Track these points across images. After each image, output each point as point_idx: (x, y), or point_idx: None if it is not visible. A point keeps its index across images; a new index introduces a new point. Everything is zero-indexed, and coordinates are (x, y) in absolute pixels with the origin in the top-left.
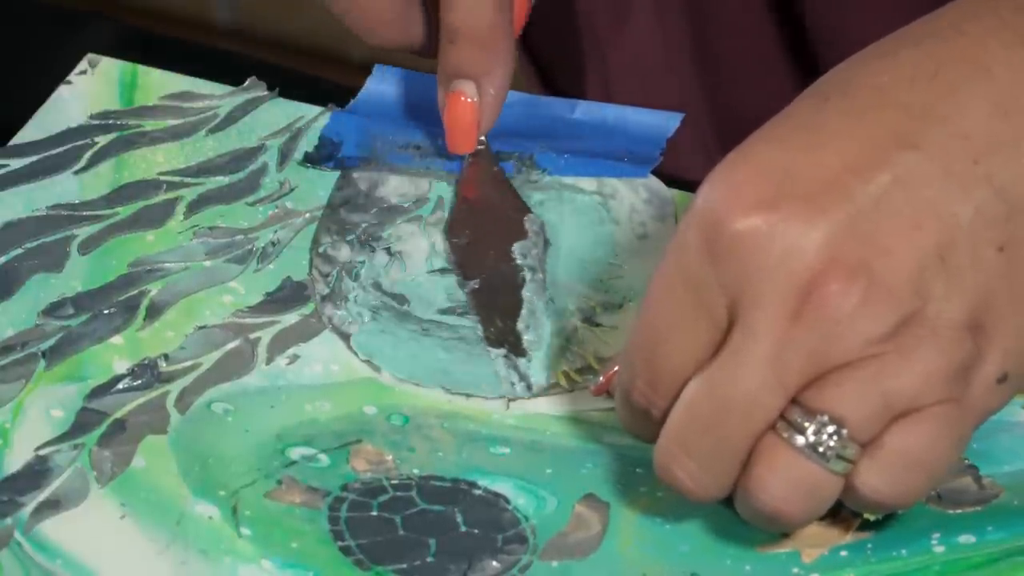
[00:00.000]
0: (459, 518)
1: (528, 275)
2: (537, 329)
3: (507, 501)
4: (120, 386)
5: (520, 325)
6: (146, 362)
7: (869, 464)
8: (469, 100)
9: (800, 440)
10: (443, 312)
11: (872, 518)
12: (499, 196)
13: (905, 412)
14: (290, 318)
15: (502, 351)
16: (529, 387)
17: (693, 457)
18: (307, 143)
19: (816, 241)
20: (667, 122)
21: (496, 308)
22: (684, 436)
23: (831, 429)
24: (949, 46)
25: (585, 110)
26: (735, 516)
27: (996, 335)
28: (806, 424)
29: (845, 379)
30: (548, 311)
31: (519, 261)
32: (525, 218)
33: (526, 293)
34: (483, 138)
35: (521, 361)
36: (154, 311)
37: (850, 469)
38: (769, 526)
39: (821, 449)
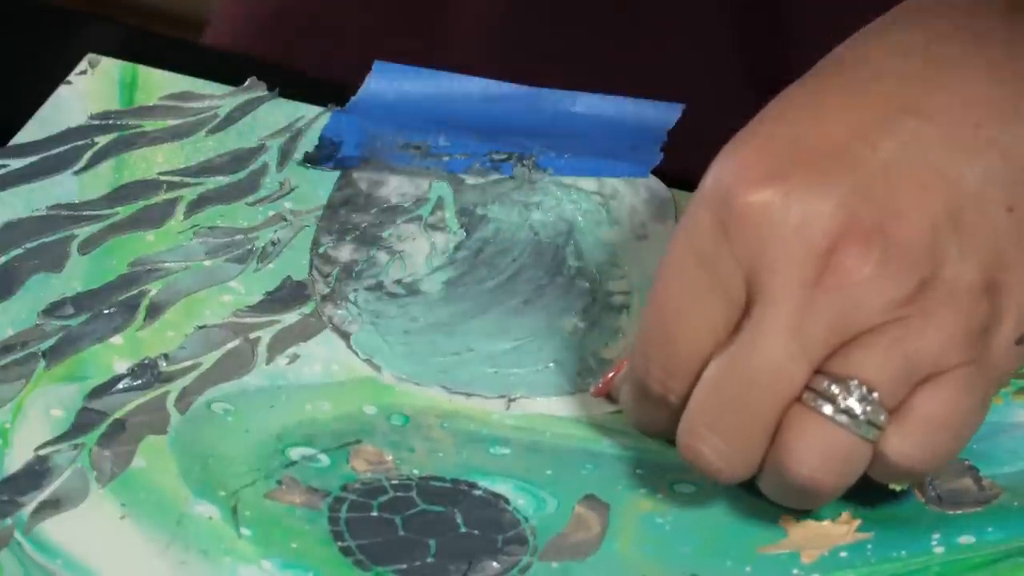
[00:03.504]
0: (459, 519)
1: None
2: None
3: (507, 502)
4: (120, 386)
5: None
6: (146, 362)
7: (897, 430)
8: None
9: (829, 408)
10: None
11: (898, 488)
12: None
13: (928, 376)
14: (290, 317)
15: None
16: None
17: (719, 434)
18: (307, 143)
19: (831, 207)
20: (668, 114)
21: None
22: (709, 414)
23: (861, 394)
24: (940, 19)
25: (586, 103)
26: (736, 516)
27: (1011, 296)
28: (835, 391)
29: (870, 344)
30: None
31: None
32: None
33: None
34: None
35: None
36: (154, 311)
37: (879, 436)
38: (799, 501)
39: (853, 415)
